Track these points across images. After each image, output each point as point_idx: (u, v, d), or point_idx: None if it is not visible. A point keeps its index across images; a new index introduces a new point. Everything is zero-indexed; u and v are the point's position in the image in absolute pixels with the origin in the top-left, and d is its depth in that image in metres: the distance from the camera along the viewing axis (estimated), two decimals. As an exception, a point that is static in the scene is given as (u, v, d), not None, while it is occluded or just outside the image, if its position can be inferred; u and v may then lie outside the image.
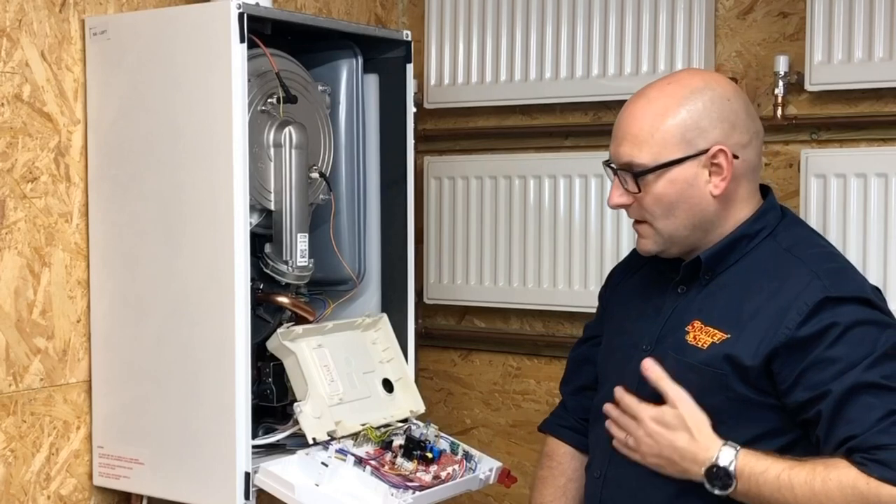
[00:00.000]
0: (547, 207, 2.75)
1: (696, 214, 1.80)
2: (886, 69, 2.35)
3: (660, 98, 1.80)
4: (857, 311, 1.71)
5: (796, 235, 1.85)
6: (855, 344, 1.69)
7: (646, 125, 1.78)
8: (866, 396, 1.67)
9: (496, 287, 2.84)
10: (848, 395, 1.67)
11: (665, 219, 1.80)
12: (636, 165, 1.79)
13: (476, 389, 2.98)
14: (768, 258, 1.81)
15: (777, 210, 1.87)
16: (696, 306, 1.83)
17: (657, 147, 1.78)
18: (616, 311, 2.02)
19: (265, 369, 2.19)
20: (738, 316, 1.77)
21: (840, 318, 1.70)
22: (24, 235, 2.13)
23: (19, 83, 2.12)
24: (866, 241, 2.36)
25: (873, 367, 1.67)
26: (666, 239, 1.82)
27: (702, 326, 1.80)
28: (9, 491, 2.12)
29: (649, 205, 1.80)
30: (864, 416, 1.66)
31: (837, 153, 2.44)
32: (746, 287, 1.79)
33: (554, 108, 2.82)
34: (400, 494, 2.03)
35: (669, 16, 2.58)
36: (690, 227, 1.81)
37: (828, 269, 1.77)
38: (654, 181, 1.78)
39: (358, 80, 2.36)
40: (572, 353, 2.14)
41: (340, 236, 2.33)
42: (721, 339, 1.77)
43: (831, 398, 1.68)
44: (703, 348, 1.78)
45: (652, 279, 1.94)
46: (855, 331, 1.70)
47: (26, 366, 2.14)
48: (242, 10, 2.00)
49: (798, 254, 1.80)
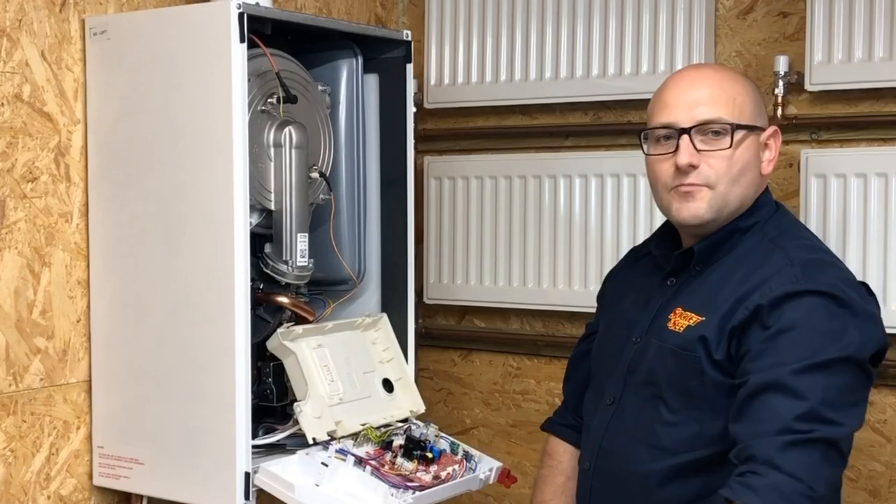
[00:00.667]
0: (547, 207, 2.75)
1: (750, 187, 1.84)
2: (886, 69, 2.35)
3: (725, 71, 1.88)
4: (817, 307, 1.70)
5: (783, 228, 1.86)
6: (797, 343, 1.68)
7: (727, 86, 1.82)
8: (778, 397, 1.65)
9: (496, 287, 2.84)
10: (762, 391, 1.67)
11: (731, 184, 1.81)
12: (727, 120, 1.80)
13: (476, 389, 2.98)
14: (753, 248, 1.82)
15: (771, 205, 1.89)
16: (682, 296, 1.85)
17: (741, 109, 1.81)
18: (610, 306, 2.05)
19: (265, 369, 2.19)
20: (714, 300, 1.78)
21: (796, 312, 1.70)
22: (24, 235, 2.13)
23: (19, 83, 2.12)
24: (866, 241, 2.37)
25: (801, 373, 1.65)
26: (721, 206, 1.82)
27: (682, 312, 1.82)
28: (9, 491, 2.12)
29: (724, 166, 1.80)
30: (766, 420, 1.65)
31: (837, 153, 2.44)
32: (728, 275, 1.81)
33: (554, 108, 2.82)
34: (400, 494, 2.03)
35: (669, 16, 2.58)
36: (741, 199, 1.84)
37: (804, 259, 1.77)
38: (739, 142, 1.81)
39: (358, 80, 2.36)
40: (573, 351, 2.15)
41: (340, 236, 2.33)
42: (696, 322, 1.78)
43: (747, 387, 1.68)
44: (680, 332, 1.80)
45: (644, 275, 1.96)
46: (803, 330, 1.68)
47: (26, 366, 2.14)
48: (242, 10, 2.00)
49: (779, 243, 1.81)
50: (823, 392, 1.65)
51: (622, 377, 1.88)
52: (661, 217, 2.57)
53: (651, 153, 1.87)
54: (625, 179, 2.65)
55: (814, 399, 1.64)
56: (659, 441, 1.81)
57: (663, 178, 1.85)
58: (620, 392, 1.88)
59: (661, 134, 1.84)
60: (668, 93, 1.85)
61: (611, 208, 2.67)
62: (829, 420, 1.64)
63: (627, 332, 1.91)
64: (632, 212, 2.64)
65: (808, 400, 1.64)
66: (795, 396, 1.64)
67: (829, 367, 1.66)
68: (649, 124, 1.88)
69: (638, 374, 1.85)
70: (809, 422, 1.63)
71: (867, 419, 2.45)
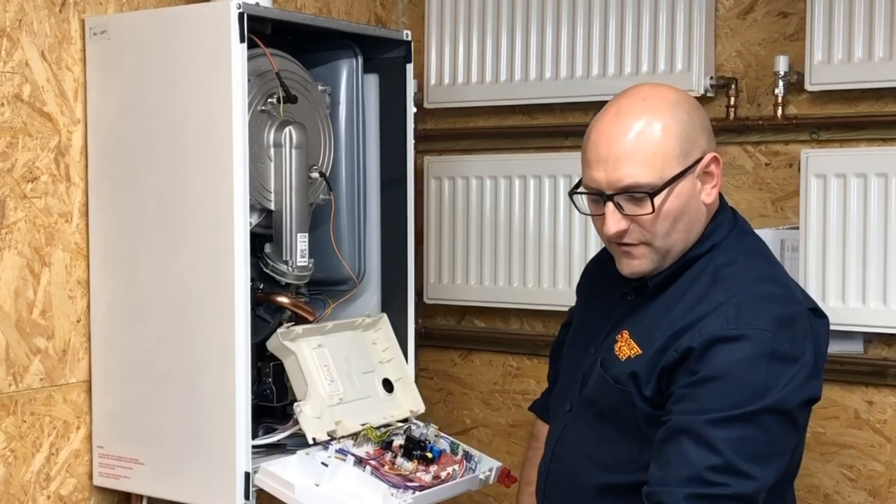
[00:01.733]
0: (547, 207, 2.75)
1: (692, 226, 1.77)
2: (886, 69, 2.35)
3: (644, 114, 1.73)
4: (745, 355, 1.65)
5: (734, 253, 1.79)
6: (720, 392, 1.64)
7: (642, 143, 1.71)
8: (693, 445, 1.63)
9: (496, 287, 2.84)
10: (678, 434, 1.65)
11: (667, 236, 1.75)
12: (644, 186, 1.71)
13: (476, 389, 2.98)
14: (699, 277, 1.77)
15: (725, 226, 1.82)
16: (632, 318, 1.82)
17: (661, 164, 1.71)
18: (583, 303, 2.03)
19: (265, 369, 2.19)
20: (653, 334, 1.75)
21: (722, 358, 1.65)
22: (24, 235, 2.13)
23: (19, 83, 2.12)
24: (866, 241, 2.36)
25: (720, 424, 1.63)
26: (662, 256, 1.77)
27: (627, 339, 1.79)
28: (9, 491, 2.12)
29: (655, 224, 1.74)
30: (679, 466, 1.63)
31: (837, 153, 2.44)
32: (673, 304, 1.77)
33: (554, 108, 2.82)
34: (400, 494, 2.03)
35: (669, 16, 2.58)
36: (684, 241, 1.77)
37: (742, 296, 1.71)
38: (664, 199, 1.72)
39: (358, 80, 2.36)
40: (556, 339, 2.15)
41: (340, 236, 2.33)
42: (636, 355, 1.76)
43: (665, 429, 1.67)
44: (621, 360, 1.77)
45: (611, 282, 1.92)
46: (727, 379, 1.65)
47: (26, 366, 2.14)
48: (242, 10, 2.00)
49: (723, 275, 1.75)
50: (740, 444, 1.62)
51: (577, 387, 1.87)
52: (661, 217, 2.59)
53: (586, 212, 1.82)
54: (625, 179, 2.64)
55: (728, 452, 1.61)
56: (602, 458, 1.81)
57: (604, 236, 1.80)
58: (576, 402, 1.88)
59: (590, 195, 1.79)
60: (591, 148, 1.76)
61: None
62: (744, 473, 1.62)
63: (586, 340, 1.90)
64: (632, 212, 2.64)
65: (722, 452, 1.61)
66: (710, 448, 1.62)
67: (750, 420, 1.63)
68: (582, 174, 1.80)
69: (587, 389, 1.84)
70: (722, 474, 1.61)
71: (867, 419, 2.46)
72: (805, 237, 2.41)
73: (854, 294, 2.36)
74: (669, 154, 1.72)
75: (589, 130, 1.78)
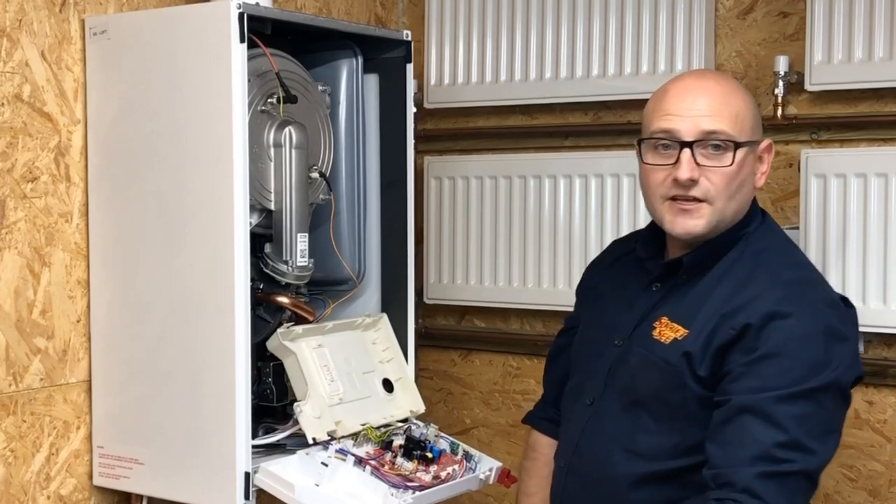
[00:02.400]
0: (547, 207, 2.75)
1: (744, 202, 1.82)
2: (886, 69, 2.35)
3: (731, 84, 1.82)
4: (802, 332, 1.69)
5: (769, 241, 1.84)
6: (781, 370, 1.67)
7: (730, 101, 1.78)
8: (758, 423, 1.65)
9: (496, 287, 2.84)
10: (741, 413, 1.66)
11: (728, 200, 1.78)
12: (730, 135, 1.76)
13: (476, 389, 2.99)
14: (738, 262, 1.80)
15: (758, 216, 1.87)
16: (667, 304, 1.84)
17: (743, 124, 1.78)
18: (591, 303, 2.03)
19: (265, 369, 2.19)
20: (698, 313, 1.77)
21: (780, 335, 1.68)
22: (24, 235, 2.13)
23: (19, 83, 2.12)
24: (866, 241, 2.36)
25: (783, 401, 1.65)
26: (717, 222, 1.79)
27: (668, 322, 1.81)
28: (9, 491, 2.12)
29: (724, 182, 1.77)
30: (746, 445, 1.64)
31: (837, 153, 2.44)
32: (712, 287, 1.79)
33: (554, 108, 2.82)
34: (400, 494, 2.03)
35: (669, 16, 2.58)
36: (735, 214, 1.81)
37: (789, 278, 1.76)
38: (741, 159, 1.78)
39: (358, 80, 2.36)
40: (552, 346, 2.15)
41: (340, 236, 2.33)
42: (682, 336, 1.77)
43: (727, 408, 1.68)
44: (666, 343, 1.79)
45: (627, 275, 1.94)
46: (787, 356, 1.67)
47: (26, 366, 2.14)
48: (242, 10, 2.00)
49: (766, 259, 1.79)
50: (804, 421, 1.65)
51: (602, 379, 1.87)
52: (660, 217, 2.59)
53: (648, 161, 1.82)
54: (625, 179, 2.65)
55: (794, 428, 1.64)
56: (637, 447, 1.81)
57: (659, 188, 1.80)
58: (600, 394, 1.87)
59: (660, 142, 1.80)
60: (670, 100, 1.79)
61: (611, 208, 2.67)
62: (809, 449, 1.64)
63: (609, 334, 1.90)
64: (632, 212, 2.64)
65: (788, 429, 1.64)
66: (776, 424, 1.64)
67: (810, 396, 1.66)
68: (647, 130, 1.83)
69: (619, 378, 1.84)
70: (790, 450, 1.63)
71: (867, 419, 2.46)
72: (805, 237, 2.42)
73: (854, 294, 2.35)
74: (748, 120, 1.80)
75: (663, 91, 1.83)
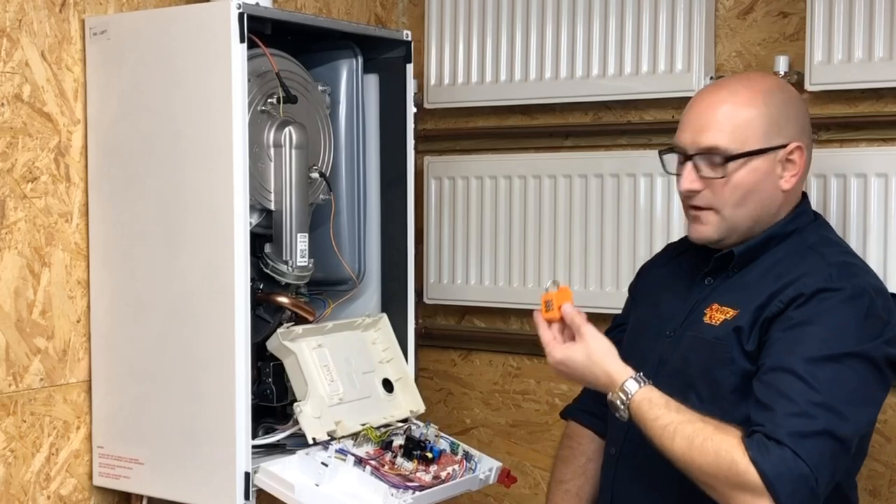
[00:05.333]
0: (547, 207, 2.75)
1: (762, 206, 1.88)
2: (886, 69, 2.34)
3: (742, 91, 1.88)
4: (844, 305, 1.76)
5: (822, 236, 1.92)
6: (814, 335, 1.74)
7: (731, 114, 1.85)
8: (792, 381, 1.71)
9: (496, 287, 2.84)
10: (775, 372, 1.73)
11: (736, 207, 1.87)
12: (722, 150, 1.84)
13: (476, 389, 2.98)
14: (792, 253, 1.88)
15: (809, 214, 1.95)
16: (717, 293, 1.91)
17: (742, 136, 1.85)
18: (643, 299, 2.10)
19: (265, 369, 2.19)
20: (748, 295, 1.84)
21: (822, 306, 1.76)
22: (24, 235, 2.13)
23: (19, 83, 2.12)
24: (866, 241, 2.36)
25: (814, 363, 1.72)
26: (729, 227, 1.89)
27: (718, 307, 1.88)
28: (9, 491, 2.12)
29: (725, 192, 1.86)
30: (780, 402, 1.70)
31: (837, 153, 2.44)
32: (764, 274, 1.87)
33: (554, 108, 2.81)
34: (400, 494, 2.03)
35: (669, 16, 2.58)
36: (754, 219, 1.88)
37: (840, 261, 1.84)
38: (737, 169, 1.85)
39: (358, 80, 2.36)
40: None
41: (340, 236, 2.33)
42: (732, 316, 1.85)
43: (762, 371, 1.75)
44: (716, 325, 1.86)
45: (680, 272, 2.02)
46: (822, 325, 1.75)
47: (26, 366, 2.14)
48: (242, 10, 2.00)
49: (818, 248, 1.87)
50: (836, 384, 1.71)
51: (653, 368, 1.91)
52: (660, 217, 2.59)
53: (669, 171, 1.96)
54: (625, 179, 2.64)
55: (827, 390, 1.70)
56: None
57: (681, 197, 1.94)
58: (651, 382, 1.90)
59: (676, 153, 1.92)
60: (685, 112, 1.92)
61: (611, 208, 2.67)
62: (839, 413, 1.69)
63: (661, 327, 1.97)
64: (632, 212, 2.64)
65: (820, 390, 1.70)
66: (808, 384, 1.70)
67: (841, 361, 1.72)
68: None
69: (670, 364, 1.90)
70: (824, 411, 1.68)
71: (867, 419, 2.45)
72: (805, 237, 2.42)
73: (854, 294, 2.35)
74: (753, 130, 1.85)
75: (691, 99, 1.95)
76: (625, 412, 1.79)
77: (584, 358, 1.84)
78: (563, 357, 1.85)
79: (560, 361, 1.86)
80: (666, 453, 1.75)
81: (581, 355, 1.84)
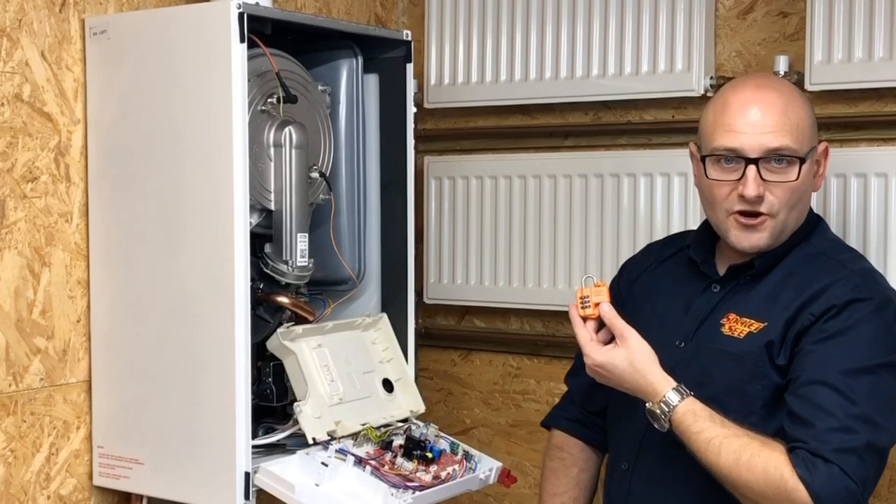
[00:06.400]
0: (547, 207, 2.75)
1: (804, 208, 1.86)
2: (886, 69, 2.34)
3: (786, 90, 1.84)
4: (874, 314, 1.75)
5: (829, 241, 1.90)
6: (849, 347, 1.72)
7: (792, 113, 1.80)
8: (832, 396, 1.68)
9: (496, 287, 2.84)
10: (813, 386, 1.70)
11: (791, 210, 1.83)
12: (793, 150, 1.79)
13: (476, 389, 2.98)
14: (804, 260, 1.85)
15: (813, 216, 1.93)
16: (731, 302, 1.87)
17: (803, 135, 1.81)
18: (642, 305, 2.02)
19: (265, 369, 2.19)
20: (773, 306, 1.81)
21: (854, 316, 1.73)
22: (24, 235, 2.13)
23: (19, 83, 2.12)
24: (866, 241, 2.36)
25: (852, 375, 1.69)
26: (780, 233, 1.84)
27: (737, 318, 1.83)
28: (9, 491, 2.12)
29: (787, 196, 1.81)
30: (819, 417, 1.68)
31: (837, 153, 2.43)
32: (781, 284, 1.83)
33: (554, 108, 2.81)
34: (400, 494, 2.03)
35: (669, 16, 2.58)
36: (797, 221, 1.86)
37: (863, 268, 1.82)
38: (803, 170, 1.81)
39: (358, 80, 2.36)
40: None
41: (340, 236, 2.33)
42: (758, 329, 1.80)
43: (797, 383, 1.72)
44: (741, 338, 1.81)
45: (681, 278, 1.96)
46: (855, 335, 1.72)
47: (26, 366, 2.14)
48: (242, 9, 2.00)
49: (832, 255, 1.85)
50: (873, 395, 1.69)
51: None
52: (660, 217, 2.59)
53: (712, 177, 1.85)
54: (625, 179, 2.64)
55: (865, 402, 1.68)
56: None
57: (724, 203, 1.84)
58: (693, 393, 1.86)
59: (722, 156, 1.83)
60: (732, 115, 1.82)
61: (610, 208, 2.66)
62: (879, 425, 1.68)
63: (666, 336, 1.90)
64: (632, 212, 2.64)
65: (858, 402, 1.68)
66: (846, 398, 1.68)
67: (875, 372, 1.70)
68: (710, 144, 1.85)
69: (686, 377, 1.82)
70: (864, 423, 1.67)
71: (867, 419, 2.45)
72: (805, 237, 2.42)
73: (854, 294, 2.36)
74: (809, 128, 1.83)
75: (726, 100, 1.84)
76: (665, 423, 1.75)
77: (626, 364, 1.79)
78: (603, 361, 1.80)
79: (600, 364, 1.81)
80: (711, 468, 1.71)
81: (623, 361, 1.79)
